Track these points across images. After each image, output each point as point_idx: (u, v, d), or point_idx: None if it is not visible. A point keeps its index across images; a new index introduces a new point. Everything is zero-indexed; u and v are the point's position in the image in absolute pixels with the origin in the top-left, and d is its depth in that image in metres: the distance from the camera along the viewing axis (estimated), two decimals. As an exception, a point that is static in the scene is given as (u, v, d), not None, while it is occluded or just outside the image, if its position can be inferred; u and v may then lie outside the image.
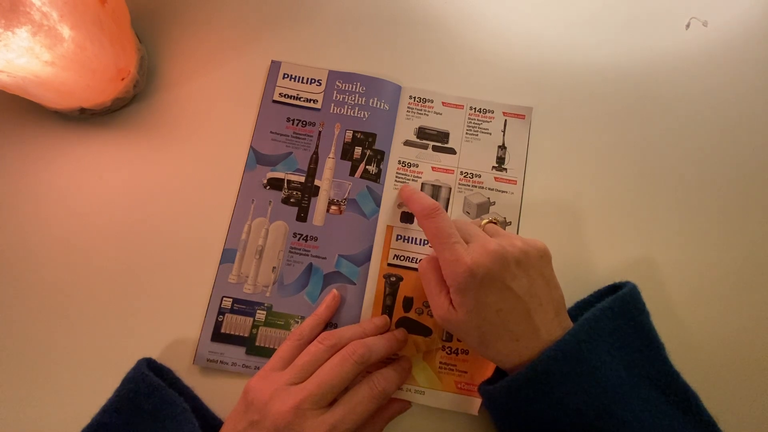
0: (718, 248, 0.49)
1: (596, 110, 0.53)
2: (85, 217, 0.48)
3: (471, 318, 0.38)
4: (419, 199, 0.43)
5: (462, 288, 0.38)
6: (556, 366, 0.37)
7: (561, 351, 0.37)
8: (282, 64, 0.53)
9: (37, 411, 0.44)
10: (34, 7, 0.36)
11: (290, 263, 0.48)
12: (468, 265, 0.37)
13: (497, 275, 0.38)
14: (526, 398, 0.38)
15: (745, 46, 0.55)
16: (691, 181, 0.51)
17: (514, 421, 0.41)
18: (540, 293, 0.39)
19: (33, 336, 0.45)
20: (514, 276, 0.38)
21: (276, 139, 0.51)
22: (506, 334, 0.38)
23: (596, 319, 0.39)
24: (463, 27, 0.56)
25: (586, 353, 0.37)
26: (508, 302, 0.38)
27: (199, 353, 0.45)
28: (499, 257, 0.38)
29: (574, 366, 0.37)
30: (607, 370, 0.38)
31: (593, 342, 0.38)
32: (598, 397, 0.37)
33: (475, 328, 0.39)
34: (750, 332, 0.47)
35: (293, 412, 0.36)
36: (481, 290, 0.38)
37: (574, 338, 0.38)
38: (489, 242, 0.39)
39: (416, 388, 0.45)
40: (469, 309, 0.38)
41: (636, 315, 0.41)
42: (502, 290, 0.38)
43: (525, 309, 0.38)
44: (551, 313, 0.40)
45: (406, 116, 0.52)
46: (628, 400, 0.37)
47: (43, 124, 0.50)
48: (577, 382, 0.37)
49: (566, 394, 0.37)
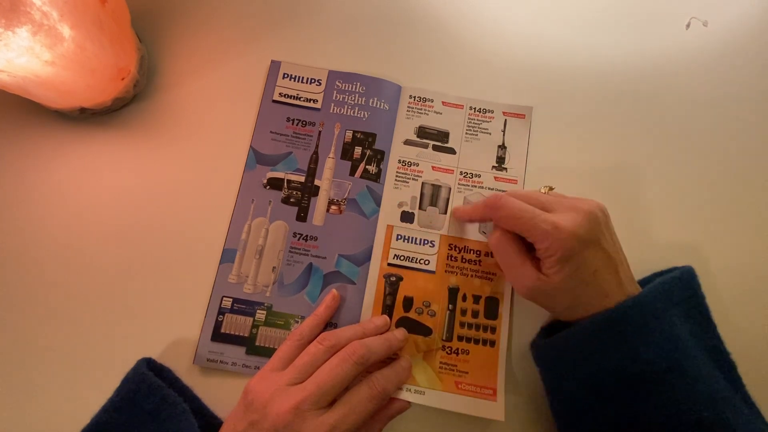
0: (721, 248, 0.50)
1: (596, 110, 0.53)
2: (85, 216, 0.48)
3: (568, 283, 0.39)
4: (478, 206, 0.45)
5: (567, 254, 0.38)
6: (634, 316, 0.38)
7: (640, 303, 0.38)
8: (282, 63, 0.53)
9: (37, 410, 0.44)
10: (34, 6, 0.36)
11: (290, 263, 0.48)
12: (571, 230, 0.38)
13: (594, 235, 0.39)
14: (600, 341, 0.38)
15: (745, 46, 0.55)
16: (692, 181, 0.51)
17: (575, 370, 0.40)
18: (620, 252, 0.41)
19: (33, 335, 0.45)
20: (603, 235, 0.39)
21: (276, 138, 0.51)
22: (599, 292, 0.39)
23: (669, 285, 0.40)
24: (463, 27, 0.56)
25: (661, 311, 0.38)
26: (603, 262, 0.39)
27: (199, 353, 0.45)
28: (593, 218, 0.39)
29: (649, 319, 0.38)
30: (678, 330, 0.38)
31: (666, 302, 0.39)
32: (670, 352, 0.37)
33: (569, 292, 0.39)
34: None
35: (293, 413, 0.36)
36: (582, 253, 0.38)
37: (652, 295, 0.39)
38: (576, 203, 0.40)
39: (416, 388, 0.45)
40: (568, 274, 0.39)
41: (699, 291, 0.42)
42: (597, 250, 0.39)
43: (614, 266, 0.39)
44: (629, 270, 0.41)
45: (406, 116, 0.52)
46: (695, 361, 0.38)
47: (43, 123, 0.50)
48: (651, 335, 0.37)
49: (640, 344, 0.37)
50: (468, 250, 0.49)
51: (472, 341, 0.46)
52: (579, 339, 0.40)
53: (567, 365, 0.41)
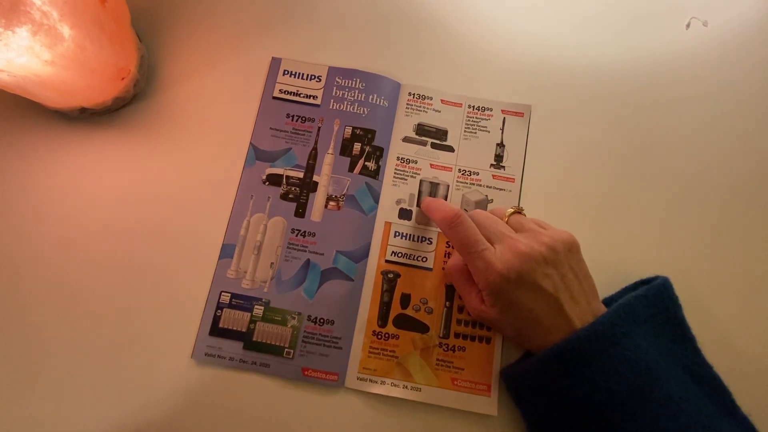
0: (718, 249, 0.49)
1: (595, 109, 0.53)
2: (85, 215, 0.49)
3: (504, 316, 0.41)
4: (440, 208, 0.44)
5: (495, 292, 0.40)
6: (587, 345, 0.38)
7: (593, 331, 0.38)
8: (282, 60, 0.54)
9: (37, 410, 0.44)
10: (34, 6, 0.36)
11: (288, 259, 0.48)
12: (499, 271, 0.39)
13: (528, 276, 0.39)
14: (555, 374, 0.39)
15: (745, 46, 0.55)
16: (689, 181, 0.51)
17: (539, 400, 0.41)
18: (571, 286, 0.41)
19: (33, 334, 0.46)
20: (544, 275, 0.40)
21: (275, 135, 0.51)
22: (540, 328, 0.40)
23: (631, 305, 0.40)
24: (463, 25, 0.56)
25: (620, 336, 0.38)
26: (540, 300, 0.40)
27: (197, 347, 0.46)
28: (528, 259, 0.39)
29: (606, 346, 0.38)
30: (641, 353, 0.38)
31: (627, 326, 0.39)
32: (632, 379, 0.37)
33: (508, 325, 0.42)
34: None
35: None
36: (513, 292, 0.40)
37: (608, 320, 0.39)
38: (517, 243, 0.40)
39: (413, 384, 0.45)
40: (502, 309, 0.41)
41: (670, 306, 0.42)
42: (533, 290, 0.39)
43: (557, 305, 0.40)
44: (583, 303, 0.41)
45: (405, 113, 0.52)
46: (663, 384, 0.37)
47: (43, 123, 0.51)
48: (609, 363, 0.37)
49: (597, 373, 0.37)
50: (465, 247, 0.49)
51: (469, 338, 0.47)
52: (536, 370, 0.40)
53: (530, 395, 0.42)
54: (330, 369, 0.45)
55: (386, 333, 0.47)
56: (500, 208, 0.47)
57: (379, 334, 0.47)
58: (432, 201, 0.47)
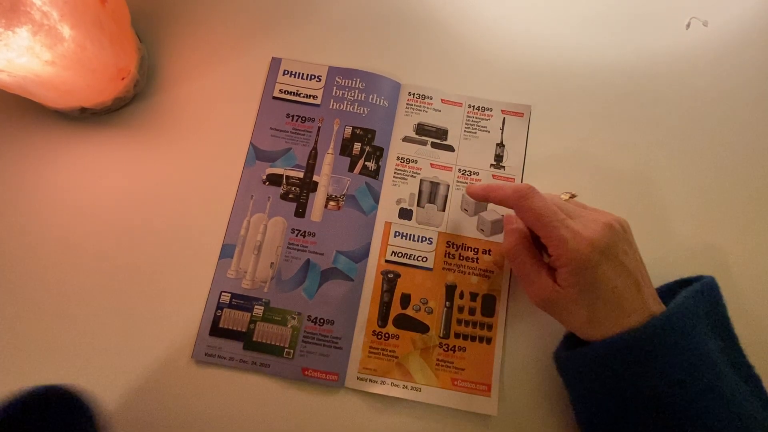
0: (718, 248, 0.49)
1: (595, 109, 0.53)
2: (86, 215, 0.49)
3: (584, 296, 0.37)
4: (505, 185, 0.42)
5: (582, 265, 0.37)
6: (663, 336, 0.36)
7: (669, 322, 0.36)
8: (282, 60, 0.54)
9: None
10: (34, 6, 0.36)
11: (288, 259, 0.48)
12: (590, 240, 0.36)
13: (613, 250, 0.37)
14: (627, 361, 0.36)
15: (745, 46, 0.55)
16: (689, 181, 0.51)
17: (601, 387, 0.39)
18: (641, 268, 0.39)
19: (32, 334, 0.46)
20: (624, 251, 0.38)
21: (275, 135, 0.51)
22: (619, 310, 0.37)
23: (694, 300, 0.38)
24: (463, 25, 0.56)
25: (689, 329, 0.37)
26: (623, 278, 0.37)
27: (197, 347, 0.46)
28: (612, 230, 0.38)
29: (679, 338, 0.36)
30: (707, 348, 0.37)
31: (693, 319, 0.37)
32: (703, 373, 0.35)
33: (585, 306, 0.38)
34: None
35: None
36: (599, 266, 0.37)
37: (679, 312, 0.37)
38: (597, 215, 0.39)
39: (413, 384, 0.45)
40: (584, 287, 0.37)
41: (720, 303, 0.41)
42: (617, 266, 0.37)
43: (636, 284, 0.38)
44: (651, 287, 0.39)
45: (405, 113, 0.52)
46: (727, 380, 0.36)
47: (43, 123, 0.51)
48: (682, 355, 0.36)
49: (669, 365, 0.35)
50: (466, 247, 0.49)
51: (469, 338, 0.47)
52: (606, 356, 0.37)
53: (592, 381, 0.39)
54: (330, 369, 0.45)
55: (386, 333, 0.47)
56: (554, 194, 0.44)
57: (379, 334, 0.47)
58: (486, 184, 0.44)
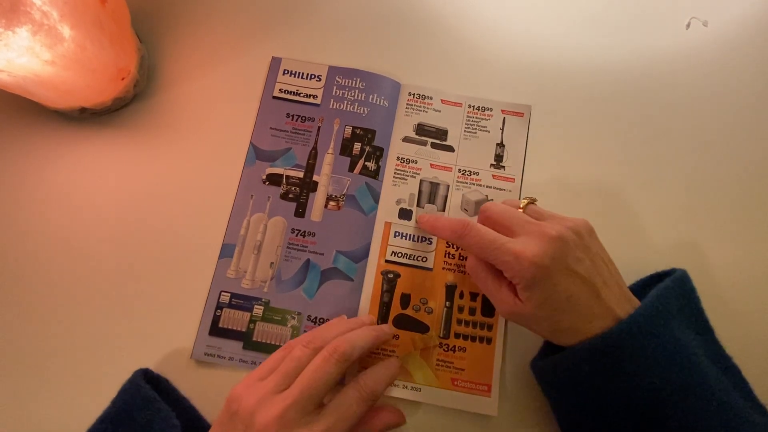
0: (718, 249, 0.49)
1: (595, 109, 0.53)
2: (86, 215, 0.49)
3: (541, 310, 0.38)
4: (445, 225, 0.43)
5: (530, 283, 0.37)
6: (630, 339, 0.36)
7: (636, 324, 0.36)
8: (282, 60, 0.54)
9: (37, 409, 0.44)
10: (34, 6, 0.36)
11: (288, 259, 0.48)
12: (530, 260, 0.37)
13: (561, 261, 0.37)
14: (596, 368, 0.37)
15: (745, 46, 0.55)
16: (689, 180, 0.51)
17: (576, 394, 0.39)
18: (602, 271, 0.39)
19: (32, 335, 0.46)
20: (577, 259, 0.38)
21: (275, 134, 0.51)
22: (579, 318, 0.37)
23: (665, 297, 0.38)
24: (463, 25, 0.56)
25: (661, 329, 0.36)
26: (576, 287, 0.37)
27: (196, 347, 0.46)
28: (559, 242, 0.37)
29: (649, 341, 0.36)
30: (680, 346, 0.36)
31: (665, 318, 0.37)
32: (676, 373, 0.35)
33: (545, 319, 0.38)
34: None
35: (278, 422, 0.34)
36: (548, 280, 0.37)
37: (648, 312, 0.37)
38: (544, 228, 0.38)
39: (413, 385, 0.45)
40: (539, 302, 0.37)
41: (693, 297, 0.41)
42: (568, 276, 0.37)
43: (593, 290, 0.38)
44: (616, 289, 0.39)
45: (405, 113, 0.52)
46: (704, 378, 0.36)
47: (43, 123, 0.51)
48: (653, 357, 0.36)
49: (639, 369, 0.36)
50: (465, 247, 0.49)
51: (469, 338, 0.47)
52: (573, 364, 0.38)
53: (565, 389, 0.40)
54: (330, 369, 0.45)
55: (386, 333, 0.47)
56: (513, 200, 0.45)
57: (379, 334, 0.47)
58: (434, 219, 0.46)
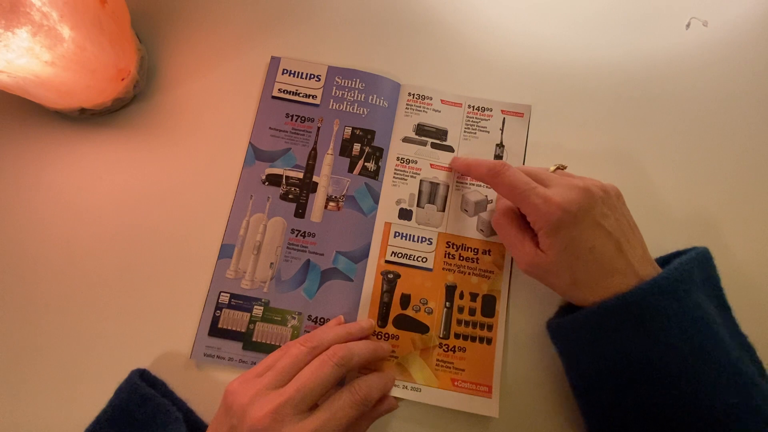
0: (719, 247, 0.49)
1: (595, 109, 0.53)
2: (85, 215, 0.49)
3: (563, 258, 0.39)
4: (481, 164, 0.44)
5: (554, 228, 0.38)
6: (653, 299, 0.36)
7: (658, 286, 0.37)
8: (282, 59, 0.54)
9: (36, 409, 0.44)
10: (34, 7, 0.36)
11: (288, 259, 0.48)
12: (558, 203, 0.38)
13: (588, 211, 0.38)
14: (616, 325, 0.37)
15: (745, 46, 0.55)
16: (689, 181, 0.51)
17: (593, 352, 0.40)
18: (626, 232, 0.40)
19: (31, 335, 0.46)
20: (603, 214, 0.39)
21: (275, 135, 0.51)
22: (600, 270, 0.38)
23: (689, 266, 0.39)
24: (462, 25, 0.56)
25: (682, 293, 0.37)
26: (600, 239, 0.38)
27: (196, 348, 0.46)
28: (587, 194, 0.38)
29: (671, 302, 0.36)
30: (702, 312, 0.37)
31: (688, 284, 0.38)
32: (695, 336, 0.36)
33: (566, 269, 0.39)
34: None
35: (271, 417, 0.35)
36: (573, 228, 0.38)
37: (672, 276, 0.37)
38: (574, 181, 0.39)
39: (413, 385, 0.45)
40: (561, 249, 0.38)
41: (713, 273, 0.41)
42: (593, 227, 0.38)
43: (617, 245, 0.38)
44: (639, 250, 0.40)
45: (404, 113, 0.52)
46: (722, 345, 0.36)
47: (43, 124, 0.51)
48: (674, 318, 0.36)
49: (660, 329, 0.36)
50: (465, 247, 0.49)
51: (469, 339, 0.47)
52: (594, 321, 0.38)
53: (582, 347, 0.41)
54: (330, 369, 0.45)
55: (386, 333, 0.47)
56: (543, 167, 0.46)
57: (379, 334, 0.47)
58: (467, 160, 0.47)
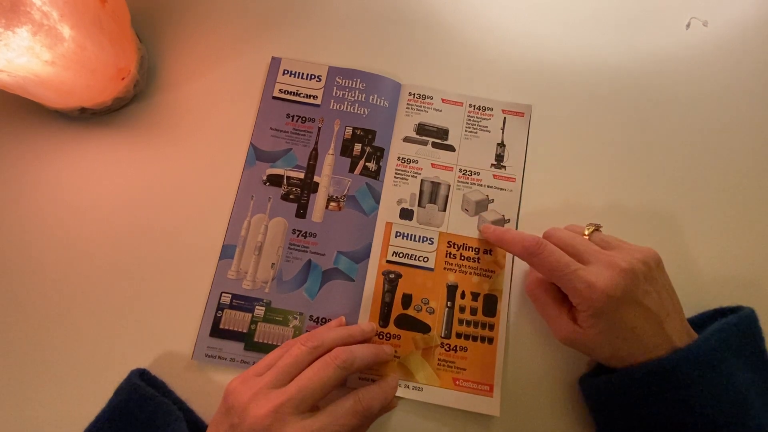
0: (720, 247, 0.49)
1: (595, 109, 0.53)
2: (86, 215, 0.49)
3: (604, 337, 0.39)
4: (516, 240, 0.42)
5: (598, 312, 0.38)
6: (687, 366, 0.37)
7: (693, 353, 0.37)
8: (282, 60, 0.53)
9: (37, 409, 0.44)
10: (34, 6, 0.36)
11: (289, 259, 0.48)
12: (602, 289, 0.37)
13: (632, 294, 0.37)
14: (649, 392, 0.37)
15: (745, 46, 0.55)
16: (689, 181, 0.51)
17: (625, 416, 0.40)
18: (666, 303, 0.39)
19: (32, 335, 0.46)
20: (645, 292, 0.38)
21: (276, 135, 0.51)
22: (640, 347, 0.38)
23: (726, 333, 0.39)
24: (463, 25, 0.56)
25: (717, 362, 0.37)
26: (642, 318, 0.38)
27: (197, 348, 0.46)
28: (631, 275, 0.38)
29: (705, 371, 0.37)
30: (736, 381, 0.37)
31: (723, 352, 0.38)
32: (727, 407, 0.36)
33: (607, 345, 0.39)
34: None
35: (272, 416, 0.35)
36: (617, 311, 0.37)
37: (707, 344, 0.37)
38: (615, 259, 0.39)
39: (414, 384, 0.45)
40: (603, 329, 0.38)
41: (758, 338, 0.41)
42: (635, 308, 0.38)
43: (658, 322, 0.38)
44: (677, 321, 0.39)
45: (405, 113, 0.52)
46: (755, 416, 0.36)
47: (43, 123, 0.51)
48: (707, 388, 0.36)
49: (694, 397, 0.36)
50: (467, 247, 0.49)
51: (471, 338, 0.47)
52: (626, 386, 0.39)
53: (614, 408, 0.41)
54: (331, 369, 0.45)
55: (388, 333, 0.47)
56: (577, 225, 0.45)
57: (381, 334, 0.46)
58: (503, 232, 0.45)
